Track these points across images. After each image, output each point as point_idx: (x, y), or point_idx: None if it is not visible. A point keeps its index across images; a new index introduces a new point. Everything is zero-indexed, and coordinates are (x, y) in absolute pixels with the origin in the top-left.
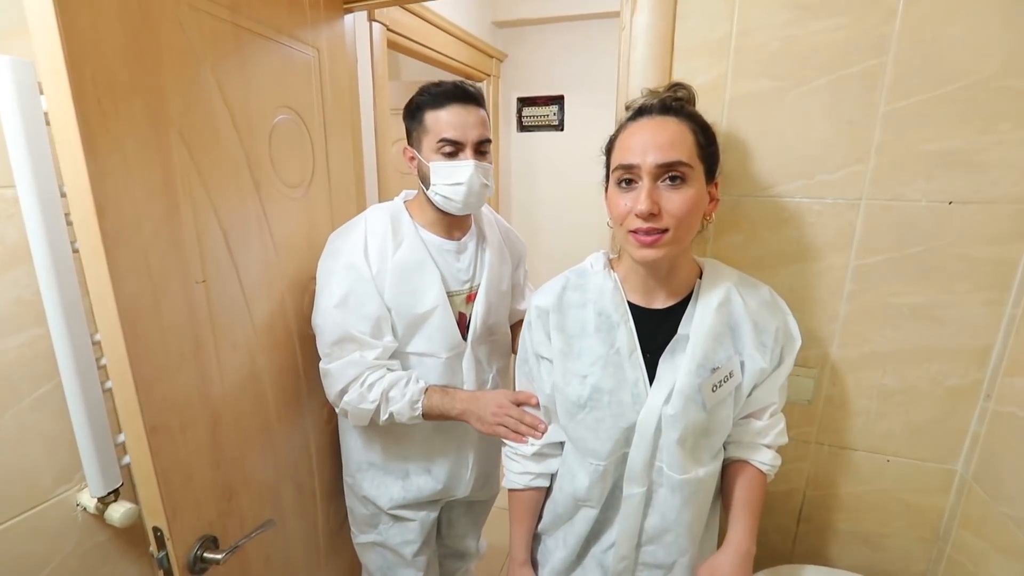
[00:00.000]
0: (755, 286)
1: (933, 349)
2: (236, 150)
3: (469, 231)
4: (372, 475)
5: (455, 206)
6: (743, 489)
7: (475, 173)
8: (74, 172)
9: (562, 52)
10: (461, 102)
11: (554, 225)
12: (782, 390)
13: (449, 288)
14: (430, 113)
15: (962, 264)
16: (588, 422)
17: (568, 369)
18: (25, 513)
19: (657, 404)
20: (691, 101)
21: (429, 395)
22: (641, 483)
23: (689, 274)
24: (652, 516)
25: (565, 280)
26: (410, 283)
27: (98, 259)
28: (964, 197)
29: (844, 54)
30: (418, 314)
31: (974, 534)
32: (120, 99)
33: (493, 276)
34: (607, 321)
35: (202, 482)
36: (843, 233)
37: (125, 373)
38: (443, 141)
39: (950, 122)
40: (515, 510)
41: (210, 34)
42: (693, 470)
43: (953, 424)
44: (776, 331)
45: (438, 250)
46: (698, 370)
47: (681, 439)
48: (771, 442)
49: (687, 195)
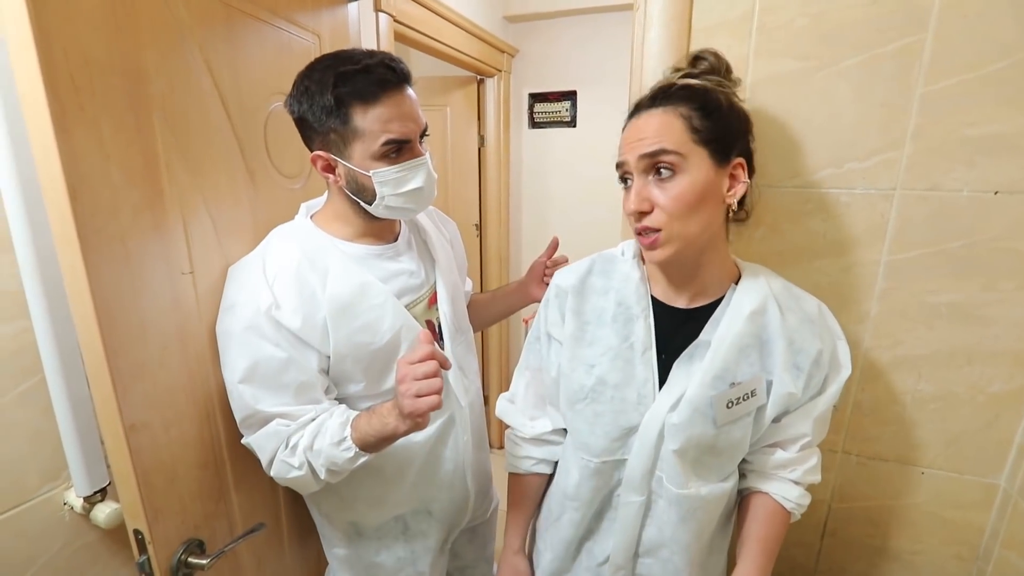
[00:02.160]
0: (801, 299)
1: (974, 352)
2: (228, 136)
3: (398, 222)
4: (366, 544)
5: (409, 213)
6: (758, 522)
7: (431, 170)
8: (44, 151)
9: (575, 46)
10: (395, 87)
11: (566, 222)
12: (819, 422)
13: (405, 300)
14: (359, 110)
15: (1008, 259)
16: (587, 414)
17: (577, 355)
18: (10, 511)
19: (663, 409)
20: (715, 71)
21: (355, 425)
22: (640, 492)
23: (722, 275)
24: (650, 527)
25: (591, 263)
26: (357, 318)
27: (72, 245)
28: (1011, 186)
29: (878, 31)
30: (379, 348)
31: (1020, 554)
32: (96, 76)
33: (445, 267)
34: (626, 312)
35: (188, 483)
36: (875, 226)
37: (102, 367)
38: (389, 144)
39: (996, 104)
40: (513, 495)
41: (199, 12)
42: (694, 487)
43: (996, 434)
44: (818, 355)
45: (376, 261)
46: (714, 381)
47: (681, 451)
48: (799, 478)
49: (679, 187)
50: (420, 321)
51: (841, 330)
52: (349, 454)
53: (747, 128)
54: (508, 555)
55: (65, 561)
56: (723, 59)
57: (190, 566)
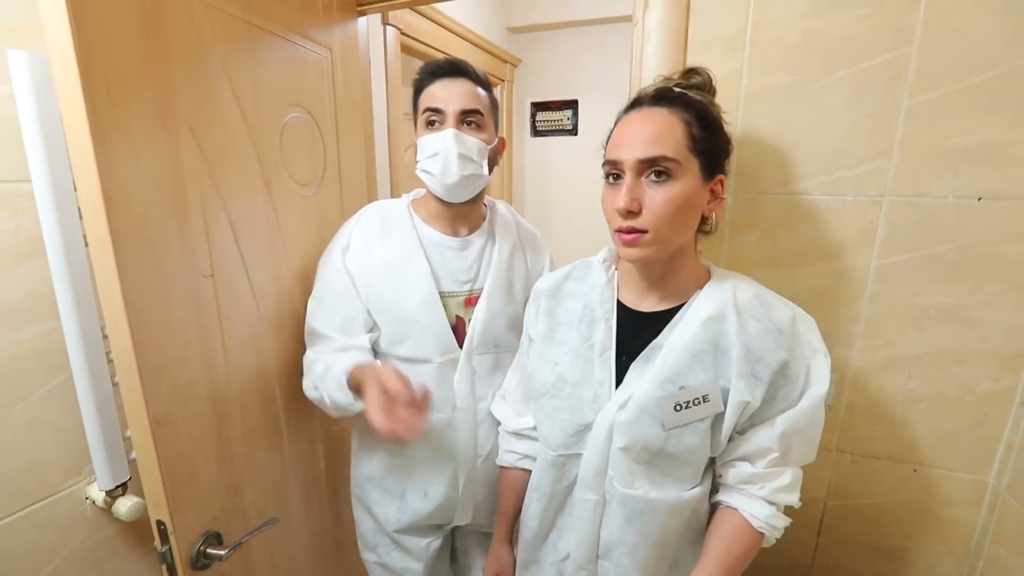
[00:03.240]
0: (773, 309)
1: (962, 353)
2: (246, 146)
3: (479, 229)
4: (371, 490)
5: (436, 182)
6: (718, 536)
7: (453, 142)
8: (83, 161)
9: (576, 57)
10: (449, 75)
11: (568, 229)
12: (793, 439)
13: (443, 287)
14: (423, 92)
15: (993, 263)
16: (547, 409)
17: (544, 353)
18: (34, 505)
19: (613, 409)
20: (705, 87)
21: (354, 374)
22: (595, 490)
23: (689, 280)
24: (604, 528)
25: (571, 269)
26: (394, 280)
27: (105, 249)
28: (994, 193)
29: (865, 45)
30: (404, 314)
31: (1009, 550)
32: (130, 92)
33: (499, 279)
34: (590, 315)
35: (206, 477)
36: (865, 231)
37: (130, 364)
38: (427, 111)
39: (979, 115)
40: (500, 487)
41: (221, 30)
42: (642, 488)
43: (985, 432)
44: (781, 366)
45: (436, 246)
46: (663, 384)
47: (627, 449)
48: (767, 496)
49: (671, 192)
50: (451, 312)
51: (822, 344)
52: (349, 398)
53: (730, 150)
54: (494, 544)
55: (86, 553)
56: (712, 79)
57: (208, 556)
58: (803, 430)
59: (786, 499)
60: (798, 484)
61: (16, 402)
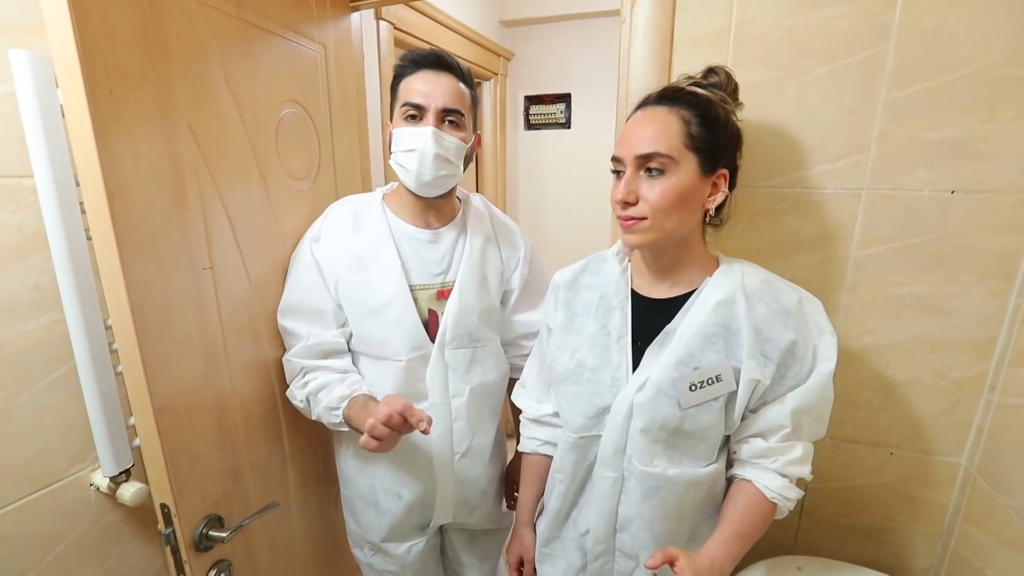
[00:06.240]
0: (780, 292)
1: (936, 340)
2: (243, 142)
3: (451, 221)
4: (352, 491)
5: (410, 177)
6: (734, 506)
7: (431, 140)
8: (86, 158)
9: (569, 50)
10: (433, 68)
11: (562, 222)
12: (804, 415)
13: (413, 280)
14: (403, 81)
15: (965, 254)
16: (568, 394)
17: (564, 342)
18: (41, 491)
19: (632, 391)
20: (722, 86)
21: (351, 405)
22: (613, 468)
23: (699, 268)
24: (623, 503)
25: (587, 262)
26: (364, 272)
27: (109, 243)
28: (967, 186)
29: (845, 43)
30: (373, 307)
31: (979, 528)
32: (130, 89)
33: (472, 272)
34: (606, 304)
35: (208, 463)
36: (844, 223)
37: (134, 354)
38: (407, 105)
39: (952, 111)
40: (523, 472)
41: (218, 29)
42: (660, 466)
43: (957, 417)
44: (790, 345)
45: (407, 239)
46: (677, 365)
47: (646, 429)
48: (780, 468)
49: (664, 186)
50: (423, 306)
51: (828, 324)
52: (336, 420)
53: (737, 145)
54: (517, 528)
55: (91, 539)
56: (733, 80)
57: (211, 538)
58: (813, 406)
59: (798, 471)
60: (809, 457)
61: (22, 392)
